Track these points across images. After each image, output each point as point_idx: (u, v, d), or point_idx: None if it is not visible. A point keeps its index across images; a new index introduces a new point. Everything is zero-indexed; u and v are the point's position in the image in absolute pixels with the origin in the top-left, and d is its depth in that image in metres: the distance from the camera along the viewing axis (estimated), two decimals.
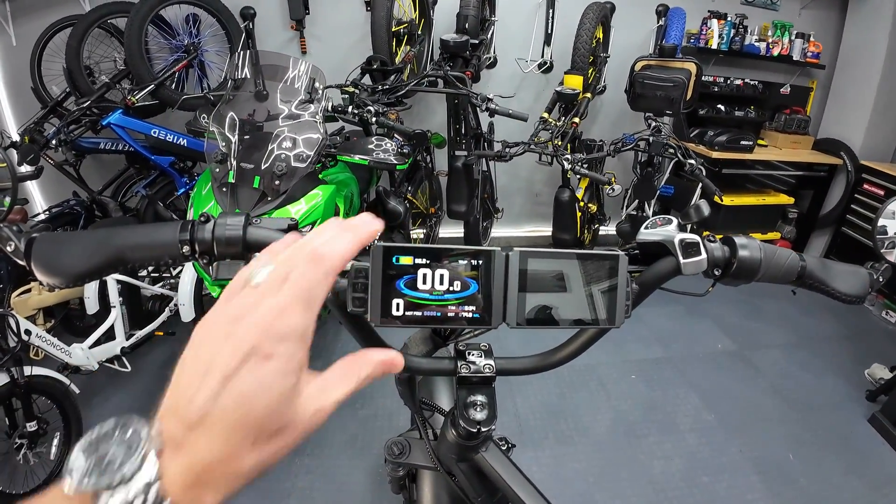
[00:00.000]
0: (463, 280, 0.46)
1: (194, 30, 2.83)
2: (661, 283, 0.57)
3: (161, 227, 0.50)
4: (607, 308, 0.50)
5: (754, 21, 3.50)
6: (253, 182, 1.61)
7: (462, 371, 0.60)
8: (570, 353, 0.61)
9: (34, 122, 2.46)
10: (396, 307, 0.45)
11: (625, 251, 0.62)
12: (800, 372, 2.70)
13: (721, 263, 0.58)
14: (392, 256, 0.45)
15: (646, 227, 0.60)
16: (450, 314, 0.46)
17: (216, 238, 0.49)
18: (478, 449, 0.67)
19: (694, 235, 0.56)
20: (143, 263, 0.51)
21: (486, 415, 0.60)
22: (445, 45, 2.45)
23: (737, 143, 3.28)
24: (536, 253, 0.48)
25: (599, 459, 2.06)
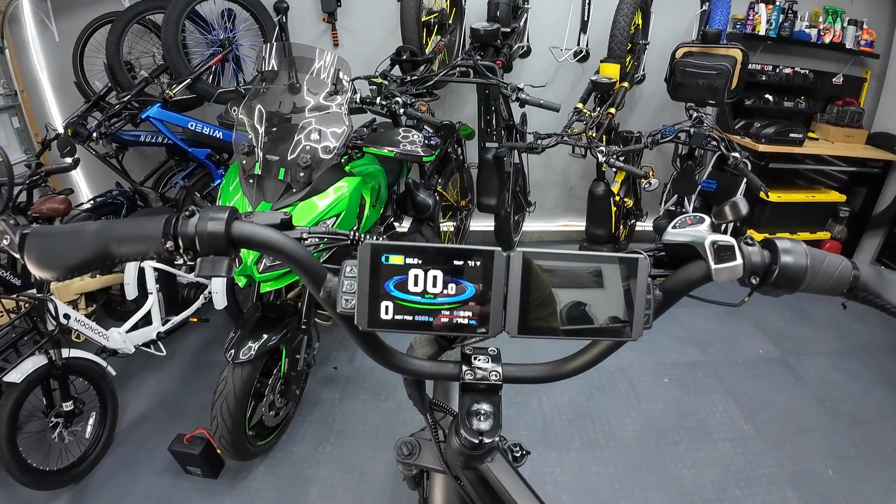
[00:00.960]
0: (458, 283, 0.42)
1: (229, 24, 2.87)
2: (688, 290, 0.51)
3: (147, 222, 0.48)
4: (624, 318, 0.45)
5: (804, 6, 3.29)
6: (279, 174, 1.62)
7: (467, 377, 0.56)
8: (584, 363, 0.57)
9: (78, 116, 2.55)
10: (385, 310, 0.42)
11: (649, 253, 0.57)
12: (847, 382, 2.54)
13: (760, 270, 0.50)
14: (381, 255, 0.41)
15: (674, 227, 0.54)
16: (443, 320, 0.42)
17: (198, 233, 0.47)
18: (483, 459, 0.64)
19: (728, 237, 0.49)
20: (129, 258, 0.49)
21: (489, 425, 0.56)
22: (475, 34, 2.39)
23: (785, 136, 3.09)
24: (542, 254, 0.44)
25: (627, 465, 1.99)
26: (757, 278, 0.51)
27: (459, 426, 0.57)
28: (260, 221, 0.49)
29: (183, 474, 1.89)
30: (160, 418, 2.16)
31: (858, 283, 0.53)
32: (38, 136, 3.08)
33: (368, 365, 2.44)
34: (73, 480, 1.84)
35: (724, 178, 3.29)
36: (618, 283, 0.45)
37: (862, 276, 0.53)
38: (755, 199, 3.16)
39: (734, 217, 0.55)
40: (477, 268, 0.42)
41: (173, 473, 1.90)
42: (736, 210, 0.55)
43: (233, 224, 0.47)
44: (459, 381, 0.57)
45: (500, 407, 0.58)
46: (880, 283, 0.53)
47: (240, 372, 1.64)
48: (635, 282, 0.45)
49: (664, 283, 0.52)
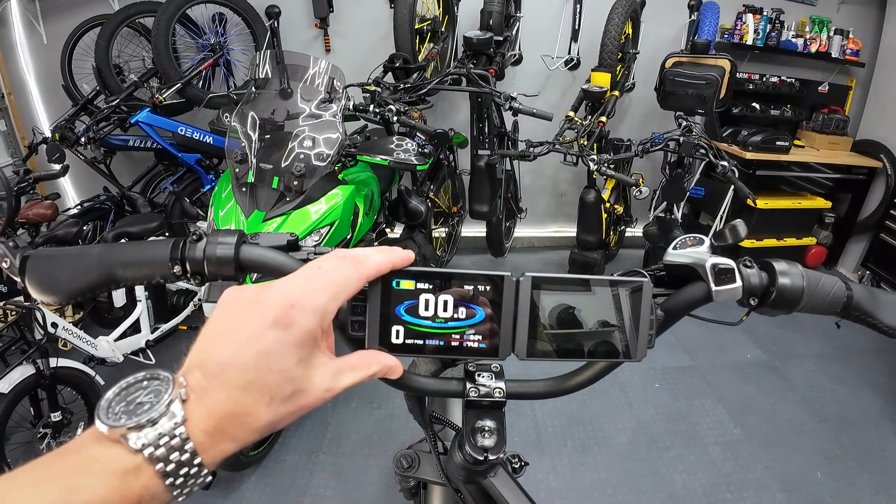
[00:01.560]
0: (468, 307, 0.42)
1: (220, 29, 2.86)
2: (689, 310, 0.53)
3: (153, 245, 0.48)
4: (628, 338, 0.46)
5: (791, 16, 3.35)
6: (272, 182, 1.61)
7: (471, 394, 0.57)
8: (586, 380, 0.57)
9: (65, 120, 2.52)
10: (396, 334, 0.42)
11: (650, 273, 0.58)
12: (833, 385, 2.59)
13: (758, 292, 0.52)
14: (392, 280, 0.42)
15: (674, 248, 0.55)
16: (453, 343, 0.42)
17: (207, 257, 0.46)
18: (486, 473, 0.64)
19: (728, 260, 0.51)
20: (135, 282, 0.49)
21: (494, 441, 0.57)
22: (468, 43, 2.40)
23: (772, 144, 3.14)
24: (550, 279, 0.44)
25: (619, 470, 2.00)
26: (755, 299, 0.53)
27: (464, 442, 0.58)
28: (266, 244, 0.49)
29: None
30: None
31: (852, 303, 0.54)
32: (24, 139, 3.03)
33: None
34: None
35: (712, 185, 3.34)
36: (621, 306, 0.46)
37: (855, 296, 0.54)
38: (742, 206, 3.21)
39: (734, 240, 0.57)
40: (487, 292, 0.43)
41: None
42: (735, 233, 0.56)
43: (241, 248, 0.47)
44: (463, 398, 0.57)
45: (504, 423, 0.58)
46: (872, 302, 0.55)
47: None
48: (639, 304, 0.46)
49: (665, 303, 0.53)
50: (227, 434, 0.32)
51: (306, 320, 0.34)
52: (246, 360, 0.32)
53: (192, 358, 0.34)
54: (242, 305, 0.35)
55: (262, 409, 0.32)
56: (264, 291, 0.35)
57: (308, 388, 0.34)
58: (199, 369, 0.33)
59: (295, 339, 0.33)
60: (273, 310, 0.34)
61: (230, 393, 0.32)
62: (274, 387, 0.33)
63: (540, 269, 0.44)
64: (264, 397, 0.32)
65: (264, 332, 0.33)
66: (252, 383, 0.32)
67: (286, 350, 0.33)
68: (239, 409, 0.32)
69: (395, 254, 0.41)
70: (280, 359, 0.33)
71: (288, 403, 0.34)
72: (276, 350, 0.33)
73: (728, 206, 3.07)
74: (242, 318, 0.34)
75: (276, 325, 0.33)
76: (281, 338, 0.33)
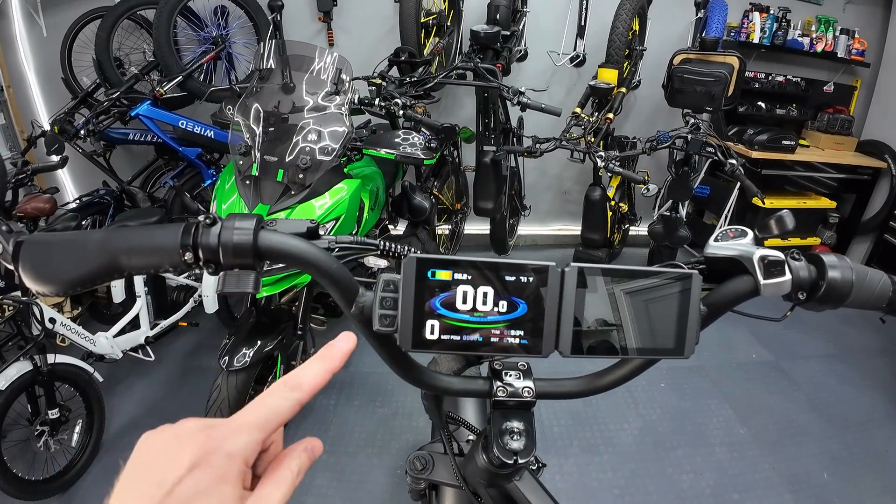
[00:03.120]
0: (511, 300, 0.39)
1: (222, 21, 2.82)
2: (733, 305, 0.50)
3: (162, 230, 0.43)
4: (676, 335, 0.43)
5: (797, 15, 3.34)
6: (276, 175, 1.57)
7: (498, 394, 0.54)
8: (621, 377, 0.54)
9: (65, 113, 2.48)
10: (431, 329, 0.38)
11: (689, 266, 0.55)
12: (838, 385, 2.57)
13: (807, 286, 0.49)
14: (427, 270, 0.38)
15: (716, 239, 0.52)
16: (493, 339, 0.39)
17: (222, 244, 0.41)
18: (510, 477, 0.61)
19: (778, 252, 0.48)
20: (140, 271, 0.43)
21: (523, 443, 0.53)
22: (476, 37, 2.37)
23: (778, 143, 3.12)
24: (596, 269, 0.41)
25: (626, 471, 1.98)
26: (804, 294, 0.50)
27: (491, 444, 0.55)
28: (284, 230, 0.45)
29: None
30: (149, 426, 2.03)
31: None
32: (23, 133, 2.98)
33: (364, 370, 2.40)
34: (60, 490, 1.78)
35: (717, 183, 3.32)
36: (668, 299, 0.43)
37: None
38: (747, 205, 3.19)
39: (780, 231, 0.54)
40: (530, 283, 0.39)
41: None
42: (782, 224, 0.54)
43: (260, 234, 0.42)
44: (491, 399, 0.54)
45: (533, 424, 0.55)
46: None
47: (234, 380, 1.60)
48: (688, 298, 0.43)
49: (708, 298, 0.50)
50: None
51: (228, 462, 0.31)
52: None
53: None
54: (157, 451, 0.32)
55: None
56: (180, 433, 0.32)
57: None
58: None
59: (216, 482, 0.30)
60: (191, 452, 0.31)
61: None
62: None
63: None
64: None
65: (182, 478, 0.30)
66: None
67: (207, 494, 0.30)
68: None
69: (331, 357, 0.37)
70: None
71: None
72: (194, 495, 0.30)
73: (733, 205, 3.05)
74: (156, 464, 0.31)
75: (194, 469, 0.30)
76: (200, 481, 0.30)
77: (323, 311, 2.16)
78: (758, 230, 0.53)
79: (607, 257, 2.93)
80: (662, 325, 0.43)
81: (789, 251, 0.51)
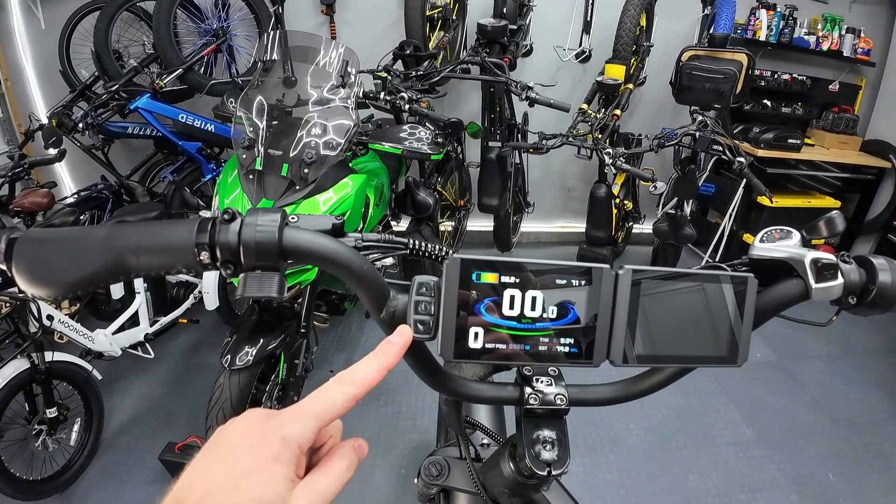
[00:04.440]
0: (561, 305, 0.36)
1: (223, 14, 2.77)
2: (782, 309, 0.47)
3: (174, 227, 0.39)
4: (729, 342, 0.40)
5: (804, 13, 3.31)
6: (281, 170, 1.54)
7: (530, 402, 0.51)
8: (658, 383, 0.51)
9: (63, 106, 2.43)
10: (474, 337, 0.35)
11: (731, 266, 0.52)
12: (843, 386, 2.56)
13: (857, 290, 0.47)
14: (471, 273, 0.35)
15: (761, 241, 0.49)
16: (541, 348, 0.36)
17: (244, 243, 0.37)
18: (538, 488, 0.58)
19: (831, 255, 0.45)
20: (149, 272, 0.39)
21: (556, 454, 0.51)
22: (483, 30, 2.33)
23: (784, 142, 3.10)
24: (650, 272, 0.38)
25: (632, 471, 1.96)
26: (854, 298, 0.47)
27: (523, 454, 0.52)
28: (307, 227, 0.41)
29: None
30: (148, 424, 2.06)
31: None
32: (21, 126, 2.94)
33: None
34: (58, 490, 1.74)
35: (722, 181, 3.30)
36: (722, 304, 0.40)
37: None
38: (752, 204, 3.17)
39: (829, 233, 0.51)
40: (581, 287, 0.36)
41: (163, 483, 1.80)
42: (832, 226, 0.51)
43: (285, 232, 0.38)
44: (522, 406, 0.51)
45: (566, 434, 0.52)
46: None
47: (237, 379, 1.56)
48: (743, 302, 0.40)
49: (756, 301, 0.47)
50: None
51: (283, 444, 0.33)
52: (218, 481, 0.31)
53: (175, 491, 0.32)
54: (227, 434, 0.35)
55: None
56: (247, 419, 0.35)
57: None
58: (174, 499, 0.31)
59: (270, 460, 0.32)
60: (251, 435, 0.33)
61: None
62: None
63: None
64: None
65: (241, 455, 0.32)
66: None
67: (259, 470, 0.32)
68: None
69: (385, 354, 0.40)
70: (251, 479, 0.31)
71: None
72: (249, 470, 0.32)
73: (738, 204, 3.03)
74: (224, 444, 0.34)
75: (252, 448, 0.33)
76: (255, 459, 0.32)
77: (326, 308, 2.13)
78: (806, 232, 0.50)
79: (612, 255, 2.90)
80: (715, 331, 0.41)
81: (840, 253, 0.48)
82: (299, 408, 0.35)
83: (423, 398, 2.21)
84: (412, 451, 1.98)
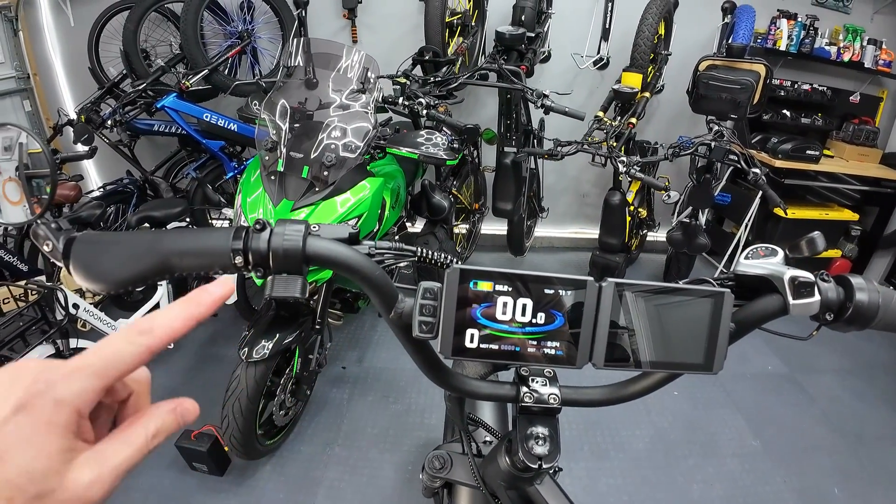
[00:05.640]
0: (549, 312, 0.40)
1: (248, 16, 2.85)
2: (761, 323, 0.51)
3: (212, 234, 0.45)
4: (706, 351, 0.44)
5: (825, 23, 3.28)
6: (301, 172, 1.60)
7: (525, 400, 0.55)
8: (646, 388, 0.56)
9: (91, 102, 2.52)
10: (470, 338, 0.40)
11: (717, 281, 0.55)
12: (853, 400, 2.54)
13: (834, 307, 0.50)
14: (469, 280, 0.40)
15: (746, 257, 0.53)
16: (530, 349, 0.40)
17: (273, 249, 0.43)
18: (532, 481, 0.62)
19: (808, 274, 0.49)
20: (190, 272, 0.45)
21: (548, 449, 0.55)
22: (501, 38, 2.37)
23: (802, 153, 3.08)
24: (631, 286, 0.42)
25: (635, 478, 1.97)
26: (831, 314, 0.51)
27: (515, 448, 0.56)
28: (327, 235, 0.47)
29: (188, 470, 1.87)
30: None
31: None
32: (49, 120, 3.05)
33: (378, 365, 2.42)
34: None
35: (738, 191, 3.28)
36: (700, 316, 0.44)
37: None
38: (768, 214, 3.15)
39: (811, 253, 0.55)
40: (568, 297, 0.41)
41: (179, 469, 1.88)
42: (813, 246, 0.54)
43: (308, 240, 0.44)
44: (517, 404, 0.56)
45: (558, 430, 0.56)
46: None
47: (253, 371, 1.63)
48: (719, 315, 0.44)
49: (737, 315, 0.51)
50: None
51: (56, 408, 0.28)
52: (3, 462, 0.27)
53: None
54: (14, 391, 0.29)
55: None
56: (17, 371, 0.29)
57: (60, 490, 0.28)
58: None
59: (39, 429, 0.28)
60: (17, 394, 0.28)
61: None
62: (11, 486, 0.27)
63: (559, 270, 0.43)
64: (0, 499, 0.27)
65: (5, 420, 0.27)
66: None
67: (30, 442, 0.27)
68: None
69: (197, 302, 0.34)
70: (21, 453, 0.27)
71: None
72: (15, 440, 0.27)
73: (754, 215, 3.02)
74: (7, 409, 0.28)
75: (17, 413, 0.28)
76: (22, 427, 0.27)
77: (340, 306, 2.19)
78: (788, 251, 0.53)
79: (624, 262, 2.92)
80: (692, 341, 0.44)
81: (819, 272, 0.51)
82: (78, 362, 0.30)
83: (432, 397, 2.25)
84: (419, 449, 2.02)
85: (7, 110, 2.91)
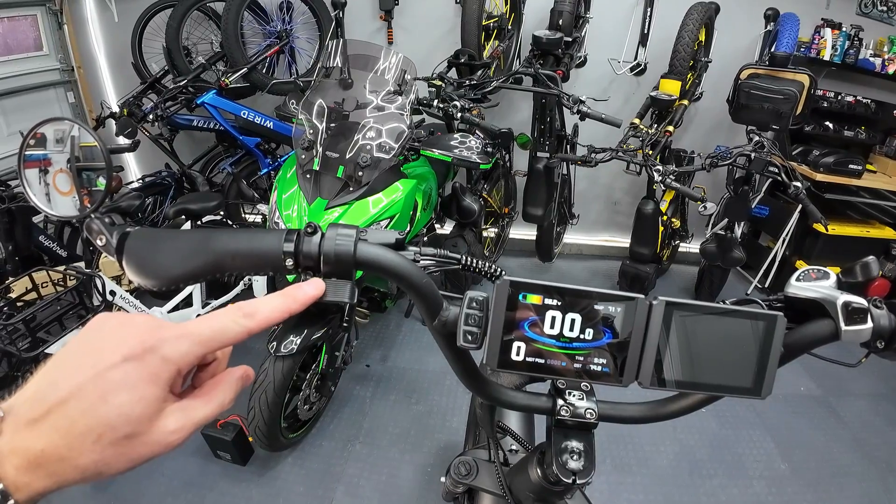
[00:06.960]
0: (597, 329, 0.40)
1: (287, 17, 2.90)
2: (812, 347, 0.49)
3: (264, 235, 0.45)
4: (755, 375, 0.43)
5: (869, 34, 3.16)
6: (336, 171, 1.62)
7: (561, 413, 0.55)
8: (684, 408, 0.54)
9: (133, 97, 2.61)
10: (517, 351, 0.40)
11: (767, 302, 0.54)
12: (886, 427, 2.43)
13: (886, 334, 0.48)
14: (519, 293, 0.39)
15: (797, 279, 0.51)
16: (576, 365, 0.40)
17: (324, 253, 0.43)
18: (562, 495, 0.62)
19: (862, 300, 0.47)
20: (241, 272, 0.46)
21: (583, 465, 0.54)
22: (538, 42, 2.35)
23: (844, 167, 2.97)
24: (683, 305, 0.41)
25: (658, 494, 1.93)
26: (882, 342, 0.49)
27: (550, 461, 0.55)
28: (374, 240, 0.47)
29: (212, 458, 1.91)
30: None
31: None
32: (91, 112, 3.15)
33: (401, 365, 2.43)
34: None
35: (777, 204, 3.19)
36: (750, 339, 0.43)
37: None
38: (807, 230, 3.06)
39: (864, 278, 0.53)
40: (617, 314, 0.40)
41: (203, 456, 1.92)
42: (867, 271, 0.52)
43: (358, 246, 0.44)
44: (553, 416, 0.55)
45: (593, 446, 0.56)
46: None
47: (281, 365, 1.65)
48: (771, 339, 0.43)
49: (787, 338, 0.49)
50: (41, 471, 0.29)
51: (162, 364, 0.32)
52: (86, 387, 0.30)
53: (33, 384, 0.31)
54: (104, 333, 0.33)
55: (87, 447, 0.29)
56: (129, 323, 0.33)
57: (147, 434, 0.31)
58: (33, 399, 0.30)
59: (144, 378, 0.31)
60: (130, 344, 0.32)
61: (51, 430, 0.29)
62: (105, 423, 0.30)
63: (588, 278, 0.42)
64: (92, 433, 0.29)
65: (114, 365, 0.31)
66: (84, 413, 0.29)
67: (131, 387, 0.31)
68: (57, 447, 0.29)
69: (293, 298, 0.39)
70: (121, 394, 0.30)
71: (119, 447, 0.30)
72: (119, 385, 0.30)
73: (793, 229, 2.93)
74: (98, 345, 0.32)
75: (127, 361, 0.31)
76: (129, 374, 0.31)
77: (367, 305, 2.21)
78: (842, 275, 0.52)
79: (655, 273, 2.87)
80: (741, 364, 0.43)
81: (872, 298, 0.49)
82: (188, 328, 0.34)
83: (455, 400, 2.25)
84: (440, 451, 2.03)
85: (51, 101, 3.01)
